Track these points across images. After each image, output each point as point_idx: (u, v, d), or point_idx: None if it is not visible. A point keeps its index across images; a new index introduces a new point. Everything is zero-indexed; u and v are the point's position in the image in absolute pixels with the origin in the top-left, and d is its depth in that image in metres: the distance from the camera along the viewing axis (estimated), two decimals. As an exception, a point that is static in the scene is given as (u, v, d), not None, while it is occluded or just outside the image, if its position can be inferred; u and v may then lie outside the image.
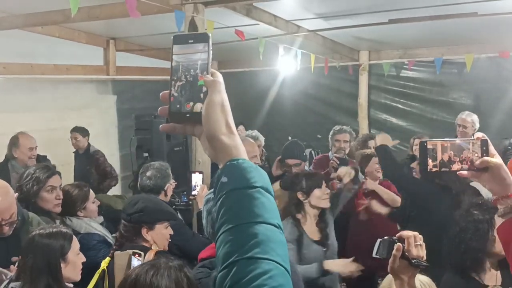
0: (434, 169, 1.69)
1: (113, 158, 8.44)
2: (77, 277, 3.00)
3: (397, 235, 2.26)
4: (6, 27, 6.12)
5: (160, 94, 1.19)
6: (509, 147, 6.29)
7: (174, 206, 4.66)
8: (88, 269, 3.19)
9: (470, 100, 8.79)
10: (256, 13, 5.96)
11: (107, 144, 8.35)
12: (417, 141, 6.73)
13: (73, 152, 7.26)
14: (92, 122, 8.07)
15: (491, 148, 1.69)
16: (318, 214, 4.21)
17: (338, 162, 5.63)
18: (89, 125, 7.93)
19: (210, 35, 1.19)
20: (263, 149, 7.51)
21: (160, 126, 1.23)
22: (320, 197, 4.18)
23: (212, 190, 2.95)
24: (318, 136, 9.57)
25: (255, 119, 9.90)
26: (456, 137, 6.64)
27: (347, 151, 6.38)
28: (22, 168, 5.74)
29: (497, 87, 8.45)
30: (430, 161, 1.68)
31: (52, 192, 4.01)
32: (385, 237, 2.35)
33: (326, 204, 4.22)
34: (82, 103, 7.96)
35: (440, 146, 1.68)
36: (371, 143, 6.56)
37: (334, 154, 6.01)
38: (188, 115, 1.16)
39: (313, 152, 8.07)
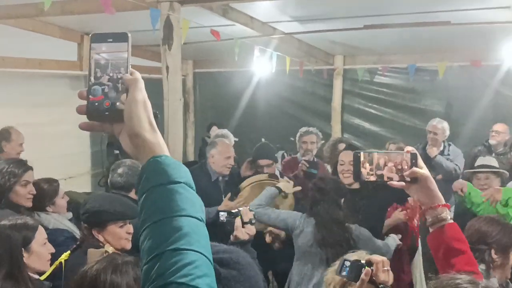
0: (366, 178, 1.78)
1: (84, 155, 8.37)
2: (45, 267, 3.02)
3: (366, 259, 2.31)
4: (-22, 19, 6.02)
5: (78, 92, 1.20)
6: (478, 154, 6.41)
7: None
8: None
9: (442, 108, 8.90)
10: (233, 13, 5.96)
11: (79, 141, 8.26)
12: (392, 147, 6.82)
13: None
14: (64, 118, 7.96)
15: (420, 161, 1.78)
16: None
17: (308, 165, 5.66)
18: (61, 121, 7.83)
19: (129, 34, 1.22)
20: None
21: (79, 123, 1.21)
22: None
23: None
24: (291, 138, 9.56)
25: (229, 120, 9.89)
26: (427, 143, 6.74)
27: (314, 152, 6.44)
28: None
29: (468, 95, 8.56)
30: (363, 170, 1.77)
31: (26, 186, 4.00)
32: (353, 259, 2.39)
33: None
34: (55, 99, 7.83)
35: (372, 157, 1.77)
36: (341, 146, 6.64)
37: (303, 158, 6.06)
38: (107, 113, 1.16)
39: (285, 154, 8.08)
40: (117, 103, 1.16)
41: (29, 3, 5.62)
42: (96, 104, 1.16)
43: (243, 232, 3.12)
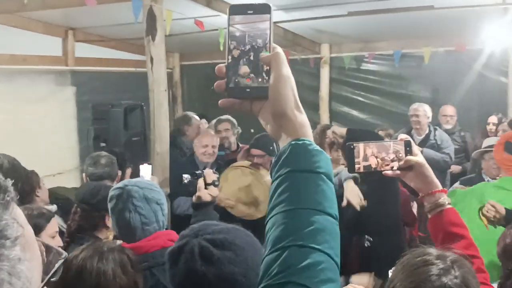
0: (361, 169, 1.78)
1: (73, 151, 8.32)
2: None
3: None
4: (-41, 16, 5.96)
5: (216, 67, 1.11)
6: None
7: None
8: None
9: (428, 93, 8.94)
10: (216, 3, 5.93)
11: (66, 136, 8.22)
12: (381, 133, 6.84)
13: None
14: (50, 114, 7.93)
15: (414, 148, 1.80)
16: None
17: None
18: (47, 117, 7.79)
19: (271, 6, 1.11)
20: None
21: (220, 101, 1.13)
22: None
23: (119, 184, 2.87)
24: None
25: (217, 112, 9.85)
26: (411, 128, 6.78)
27: (232, 139, 6.51)
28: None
29: (454, 80, 8.61)
30: (357, 161, 1.77)
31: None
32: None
33: None
34: (40, 95, 7.78)
35: (366, 147, 1.77)
36: (329, 133, 6.64)
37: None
38: (248, 90, 1.08)
39: (275, 145, 8.07)
40: (259, 79, 1.07)
41: (10, -2, 5.58)
42: (236, 80, 1.08)
43: (206, 194, 3.12)
